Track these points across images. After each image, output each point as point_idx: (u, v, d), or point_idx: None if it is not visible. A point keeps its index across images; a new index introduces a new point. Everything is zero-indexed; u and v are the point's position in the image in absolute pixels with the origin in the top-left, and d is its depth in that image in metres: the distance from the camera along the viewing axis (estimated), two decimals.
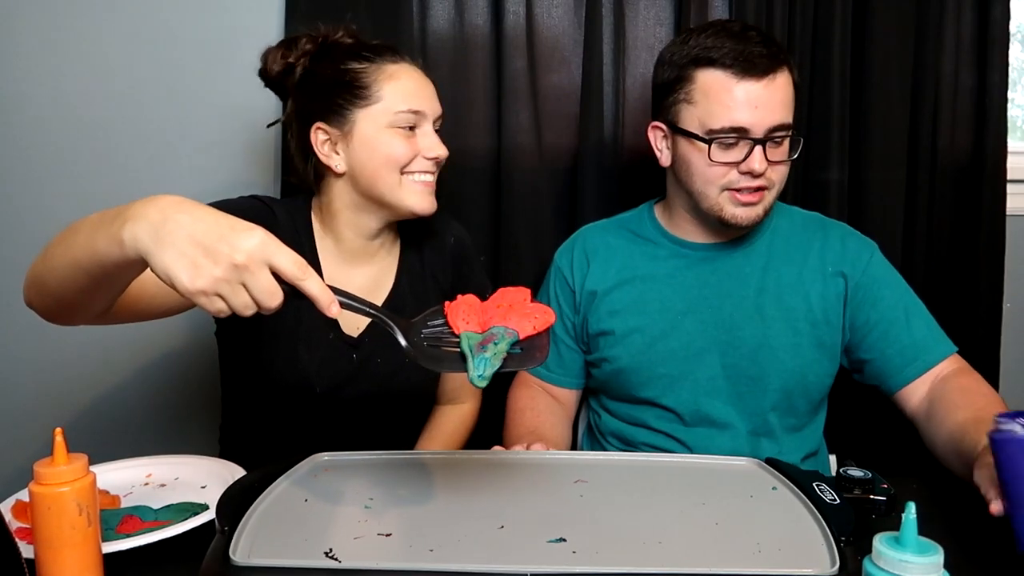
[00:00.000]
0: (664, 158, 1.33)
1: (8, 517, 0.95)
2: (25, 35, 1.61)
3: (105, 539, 0.87)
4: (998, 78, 1.66)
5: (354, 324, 1.31)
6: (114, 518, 0.96)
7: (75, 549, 0.79)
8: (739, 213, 1.25)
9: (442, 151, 1.24)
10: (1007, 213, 1.70)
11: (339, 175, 1.25)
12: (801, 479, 0.95)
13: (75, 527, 0.79)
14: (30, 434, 1.70)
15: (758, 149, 1.20)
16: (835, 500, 0.89)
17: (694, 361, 1.30)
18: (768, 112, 1.20)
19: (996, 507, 0.92)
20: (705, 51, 1.22)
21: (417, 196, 1.23)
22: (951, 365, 1.28)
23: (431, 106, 1.24)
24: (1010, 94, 1.68)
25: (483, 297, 1.25)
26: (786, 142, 1.24)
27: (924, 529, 0.73)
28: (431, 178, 1.24)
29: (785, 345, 1.28)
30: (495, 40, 1.61)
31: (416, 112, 1.22)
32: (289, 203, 1.32)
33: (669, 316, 1.32)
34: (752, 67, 1.19)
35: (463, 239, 1.41)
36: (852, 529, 0.82)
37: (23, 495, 0.99)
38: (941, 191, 1.69)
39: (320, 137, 1.24)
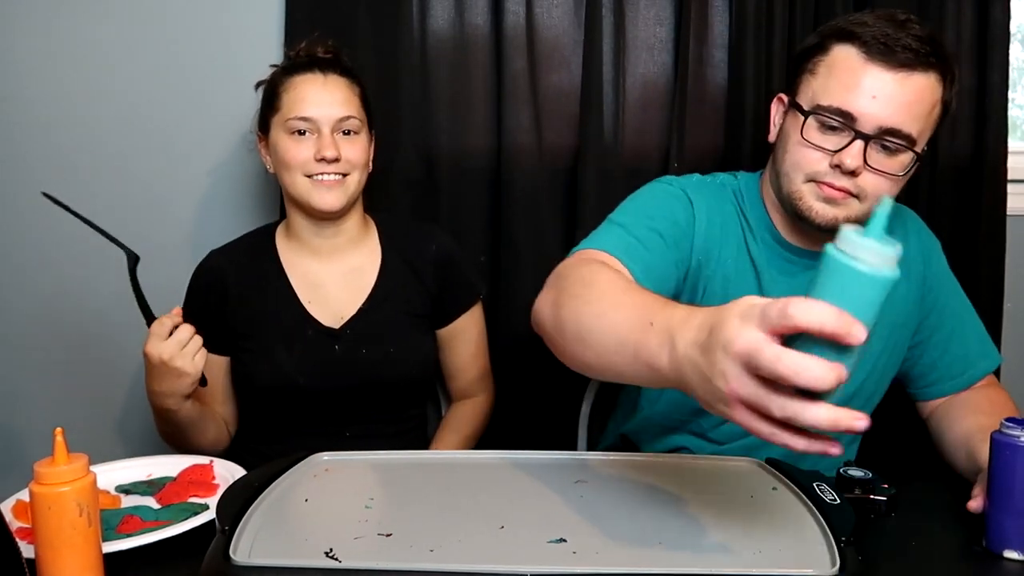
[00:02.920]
0: (772, 133, 1.19)
1: (8, 517, 0.95)
2: (25, 36, 1.61)
3: (105, 539, 0.86)
4: (998, 78, 1.65)
5: (337, 315, 1.37)
6: (114, 518, 0.96)
7: (75, 549, 0.79)
8: (816, 207, 1.10)
9: (329, 152, 1.29)
10: (1007, 213, 1.70)
11: (274, 174, 1.38)
12: (801, 479, 0.95)
13: (75, 527, 0.79)
14: (31, 434, 1.70)
15: (858, 143, 1.05)
16: (835, 500, 0.89)
17: None
18: (886, 108, 1.05)
19: (974, 503, 0.95)
20: (853, 25, 1.08)
21: (318, 194, 1.32)
22: (985, 380, 1.27)
23: (325, 112, 1.31)
24: (1010, 94, 1.68)
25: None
26: (903, 156, 1.08)
27: (925, 528, 0.73)
28: (332, 178, 1.32)
29: (870, 352, 1.20)
30: (495, 40, 1.61)
31: (305, 119, 1.30)
32: (260, 229, 1.46)
33: None
34: (890, 54, 1.04)
35: (446, 246, 1.45)
36: (852, 529, 0.82)
37: (23, 495, 0.99)
38: (941, 191, 1.69)
39: (260, 143, 1.39)
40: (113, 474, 1.09)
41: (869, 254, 0.62)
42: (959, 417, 1.18)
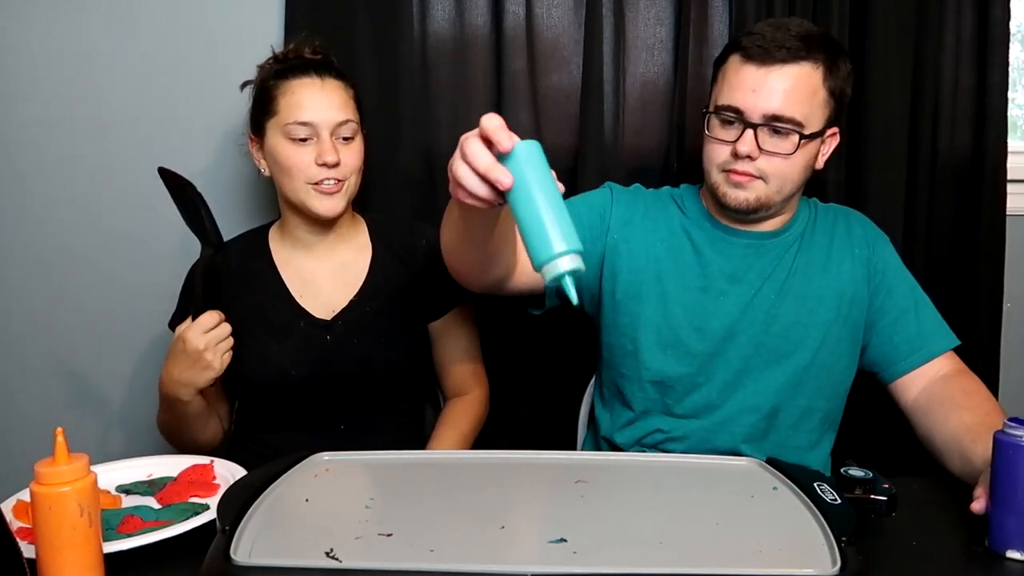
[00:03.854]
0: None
1: (9, 517, 0.95)
2: (24, 35, 1.61)
3: (106, 539, 0.87)
4: (998, 78, 1.65)
5: (328, 308, 1.39)
6: (115, 518, 0.96)
7: (76, 549, 0.80)
8: (729, 193, 1.26)
9: (331, 157, 1.30)
10: (1007, 213, 1.70)
11: (268, 177, 1.39)
12: (802, 479, 0.95)
13: (76, 527, 0.79)
14: (31, 434, 1.70)
15: (748, 132, 1.22)
16: (836, 500, 0.89)
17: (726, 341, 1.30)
18: (765, 98, 1.21)
19: (977, 505, 0.96)
20: (743, 36, 1.26)
21: (317, 200, 1.33)
22: (951, 364, 1.30)
23: (323, 116, 1.32)
24: (1010, 94, 1.68)
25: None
26: (792, 137, 1.23)
27: (926, 528, 0.73)
28: (332, 184, 1.33)
29: (819, 322, 1.30)
30: (495, 40, 1.61)
31: (304, 124, 1.31)
32: (255, 229, 1.48)
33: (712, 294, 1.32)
34: (764, 54, 1.21)
35: (435, 240, 1.43)
36: (853, 529, 0.82)
37: (24, 495, 0.99)
38: (941, 191, 1.69)
39: (252, 145, 1.40)
40: (113, 474, 1.09)
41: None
42: (942, 419, 1.21)
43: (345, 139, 1.34)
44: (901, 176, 1.67)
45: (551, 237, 0.80)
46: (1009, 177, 1.69)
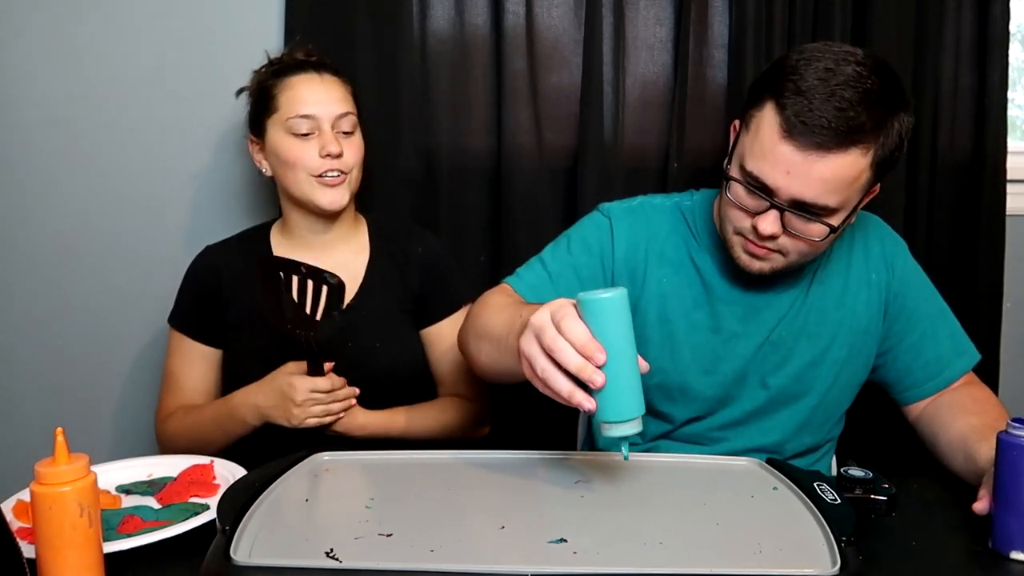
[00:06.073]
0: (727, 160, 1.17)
1: (9, 517, 0.95)
2: (24, 36, 1.61)
3: (106, 539, 0.86)
4: (998, 78, 1.66)
5: None
6: (115, 518, 0.96)
7: (76, 549, 0.79)
8: (743, 258, 1.16)
9: (334, 147, 1.31)
10: (1007, 213, 1.70)
11: (271, 177, 1.40)
12: (802, 479, 0.95)
13: (76, 527, 0.79)
14: (31, 434, 1.70)
15: (772, 213, 1.08)
16: (836, 500, 0.89)
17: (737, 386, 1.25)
18: (799, 185, 1.05)
19: (979, 505, 0.96)
20: (787, 84, 1.05)
21: (321, 192, 1.34)
22: (964, 379, 1.28)
23: (324, 109, 1.33)
24: (1010, 94, 1.68)
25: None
26: (821, 228, 1.09)
27: (926, 528, 0.73)
28: (335, 176, 1.34)
29: (832, 360, 1.24)
30: (495, 40, 1.61)
31: (306, 116, 1.32)
32: (256, 227, 1.49)
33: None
34: (807, 134, 1.03)
35: (432, 250, 1.46)
36: (853, 529, 0.82)
37: (24, 495, 0.99)
38: (941, 191, 1.69)
39: (253, 147, 1.41)
40: (113, 474, 1.09)
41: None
42: (948, 421, 1.19)
43: (345, 133, 1.35)
44: (901, 176, 1.67)
45: (621, 402, 0.81)
46: (1009, 177, 1.70)
